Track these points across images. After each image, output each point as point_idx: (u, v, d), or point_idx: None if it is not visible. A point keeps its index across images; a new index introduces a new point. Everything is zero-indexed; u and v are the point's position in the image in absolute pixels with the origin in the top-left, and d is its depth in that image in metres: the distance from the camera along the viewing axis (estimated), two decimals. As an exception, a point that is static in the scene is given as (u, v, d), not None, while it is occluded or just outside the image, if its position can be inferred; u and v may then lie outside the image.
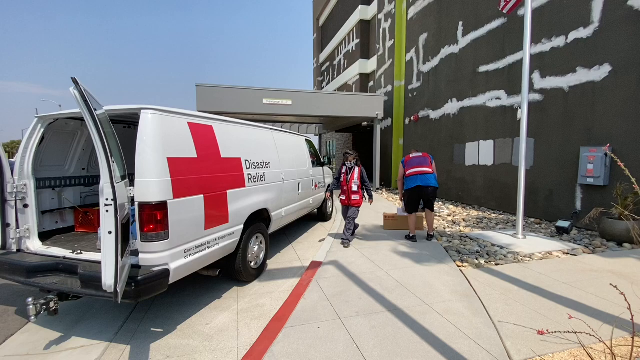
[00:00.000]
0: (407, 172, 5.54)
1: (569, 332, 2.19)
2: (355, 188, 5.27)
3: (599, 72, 5.98)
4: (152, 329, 2.96)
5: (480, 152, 9.04)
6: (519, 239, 5.47)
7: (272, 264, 4.69)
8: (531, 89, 7.09)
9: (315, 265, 4.43)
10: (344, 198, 5.45)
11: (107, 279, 2.02)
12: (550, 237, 5.69)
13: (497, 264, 4.34)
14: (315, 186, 6.73)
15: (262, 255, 4.24)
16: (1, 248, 3.10)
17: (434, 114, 11.25)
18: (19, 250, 3.15)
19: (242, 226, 3.73)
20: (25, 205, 3.17)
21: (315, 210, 7.43)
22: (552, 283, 3.67)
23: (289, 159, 5.39)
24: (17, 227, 3.11)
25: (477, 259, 4.56)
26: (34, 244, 3.20)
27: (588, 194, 6.21)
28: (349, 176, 5.34)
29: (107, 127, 2.20)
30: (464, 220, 7.40)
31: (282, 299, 3.48)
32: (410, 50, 12.76)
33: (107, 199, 2.01)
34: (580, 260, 4.45)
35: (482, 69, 8.86)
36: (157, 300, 3.49)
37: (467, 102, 9.50)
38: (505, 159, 8.18)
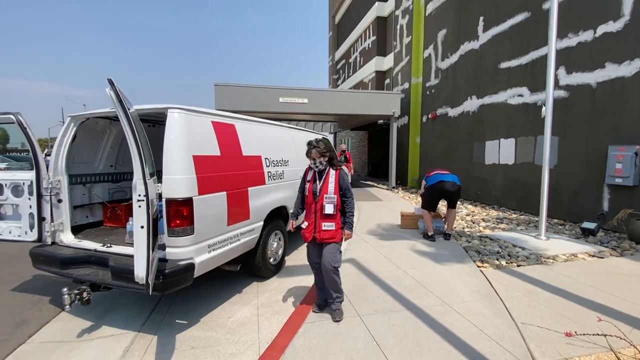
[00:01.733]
0: (430, 174, 5.70)
1: (597, 334, 2.13)
2: (330, 209, 2.84)
3: (630, 68, 5.72)
4: (176, 321, 3.07)
5: (501, 151, 8.82)
6: (542, 240, 5.33)
7: (290, 260, 4.75)
8: (556, 85, 6.86)
9: (333, 262, 4.46)
10: (305, 226, 2.98)
11: (139, 271, 2.11)
12: (575, 239, 5.51)
13: (518, 265, 4.25)
14: (332, 184, 6.75)
15: (280, 252, 4.30)
16: (37, 240, 3.28)
17: (452, 112, 11.05)
18: (53, 243, 3.31)
19: (262, 223, 3.80)
20: (59, 200, 3.33)
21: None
22: (577, 285, 3.57)
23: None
24: (52, 220, 3.28)
25: (497, 259, 4.47)
26: (67, 237, 3.37)
27: (616, 194, 5.97)
28: (320, 186, 2.88)
29: (138, 125, 2.29)
30: (483, 220, 7.26)
31: (301, 295, 3.53)
32: (428, 47, 12.56)
33: (139, 195, 2.10)
34: (607, 263, 4.30)
35: (504, 65, 8.63)
36: (180, 293, 3.60)
37: (488, 100, 9.28)
38: (527, 158, 7.95)
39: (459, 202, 9.73)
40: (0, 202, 3.39)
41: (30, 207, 3.25)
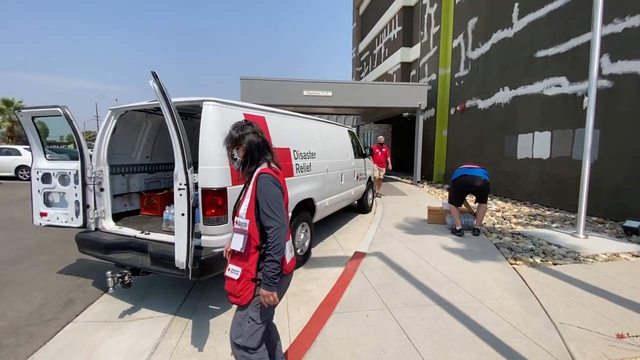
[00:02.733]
0: (457, 169, 5.62)
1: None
2: (237, 244, 1.67)
3: (685, 54, 5.26)
4: (209, 307, 3.19)
5: (535, 144, 8.41)
6: (580, 238, 5.06)
7: (315, 252, 4.79)
8: (599, 74, 6.40)
9: (359, 255, 4.46)
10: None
11: (180, 257, 2.20)
12: (617, 238, 5.20)
13: (555, 264, 4.07)
14: (357, 178, 6.71)
15: (307, 243, 4.35)
16: (82, 226, 3.49)
17: (482, 104, 10.63)
18: (96, 229, 3.53)
19: (290, 214, 3.85)
20: (102, 189, 3.53)
21: (356, 202, 7.42)
22: (620, 286, 3.38)
23: (332, 150, 5.43)
24: (95, 208, 3.49)
25: (531, 257, 4.30)
26: (109, 224, 3.57)
27: (664, 191, 5.56)
28: (237, 201, 1.84)
29: (178, 117, 2.37)
30: (514, 216, 6.99)
31: (328, 285, 3.56)
32: (457, 36, 12.10)
33: (180, 184, 2.19)
34: (653, 264, 4.04)
35: (541, 53, 8.17)
36: (212, 280, 3.70)
37: (521, 90, 8.85)
38: (564, 152, 7.54)
39: (488, 198, 9.44)
40: (49, 190, 3.63)
41: (76, 195, 3.46)
